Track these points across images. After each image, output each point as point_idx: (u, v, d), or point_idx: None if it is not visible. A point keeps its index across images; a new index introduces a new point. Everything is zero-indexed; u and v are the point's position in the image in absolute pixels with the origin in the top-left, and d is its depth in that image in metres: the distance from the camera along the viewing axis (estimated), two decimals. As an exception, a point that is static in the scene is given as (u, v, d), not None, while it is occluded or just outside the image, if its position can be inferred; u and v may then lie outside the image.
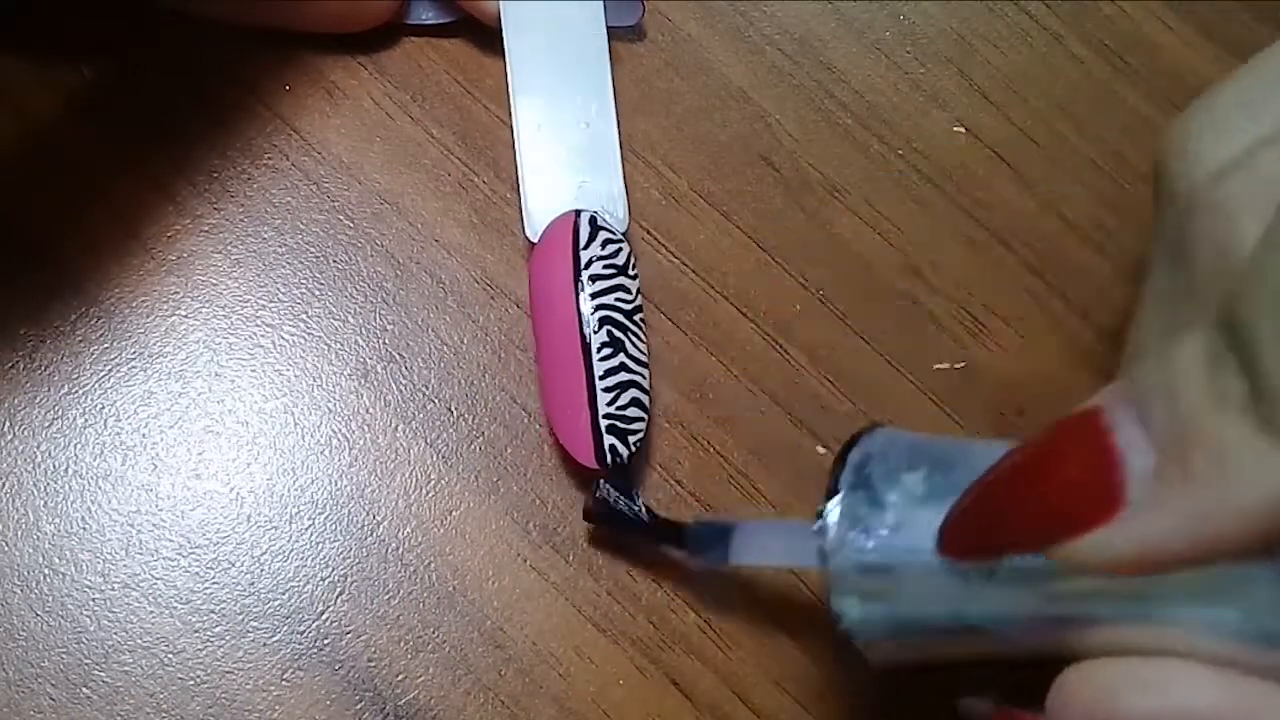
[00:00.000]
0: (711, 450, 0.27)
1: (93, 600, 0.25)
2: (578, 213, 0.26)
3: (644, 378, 0.26)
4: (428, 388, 0.27)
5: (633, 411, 0.26)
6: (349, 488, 0.26)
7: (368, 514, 0.26)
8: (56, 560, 0.25)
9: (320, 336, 0.27)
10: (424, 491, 0.27)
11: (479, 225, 0.28)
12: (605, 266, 0.26)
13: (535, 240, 0.27)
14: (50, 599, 0.25)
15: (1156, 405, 0.17)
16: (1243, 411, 0.16)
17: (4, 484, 0.26)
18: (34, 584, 0.25)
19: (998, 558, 0.19)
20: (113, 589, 0.25)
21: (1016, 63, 0.31)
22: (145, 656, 0.25)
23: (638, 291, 0.26)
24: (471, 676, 0.26)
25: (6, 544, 0.25)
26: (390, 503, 0.26)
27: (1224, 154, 0.20)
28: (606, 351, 0.25)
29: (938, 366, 0.28)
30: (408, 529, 0.26)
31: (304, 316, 0.27)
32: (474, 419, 0.27)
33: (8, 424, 0.26)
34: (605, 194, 0.27)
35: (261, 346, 0.27)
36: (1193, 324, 0.17)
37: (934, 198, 0.30)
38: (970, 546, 0.19)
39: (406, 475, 0.27)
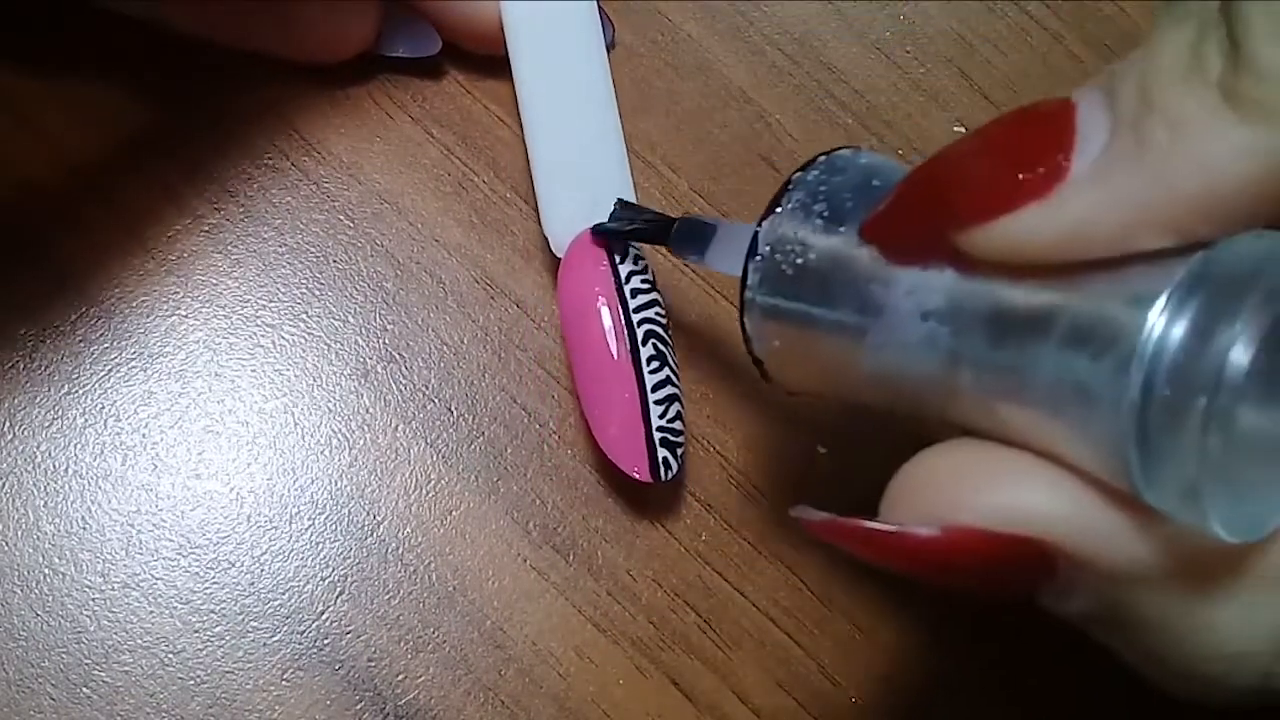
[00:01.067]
0: (711, 450, 0.27)
1: (93, 600, 0.25)
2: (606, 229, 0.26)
3: (682, 392, 0.26)
4: (428, 388, 0.27)
5: (678, 425, 0.26)
6: (349, 488, 0.26)
7: (368, 514, 0.26)
8: (56, 560, 0.25)
9: (320, 336, 0.27)
10: (424, 491, 0.27)
11: (479, 225, 0.28)
12: (642, 281, 0.26)
13: (560, 255, 0.27)
14: (50, 599, 0.25)
15: (1126, 81, 0.16)
16: (1212, 84, 0.15)
17: (4, 484, 0.26)
18: (34, 584, 0.25)
19: (919, 243, 0.18)
20: (113, 589, 0.25)
21: (1016, 63, 0.31)
22: (145, 656, 0.25)
23: (665, 305, 0.26)
24: (471, 676, 0.26)
25: (6, 544, 0.25)
26: (390, 503, 0.26)
27: None
28: (655, 365, 0.25)
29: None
30: (408, 529, 0.26)
31: (304, 316, 0.27)
32: (474, 419, 0.27)
33: (8, 424, 0.26)
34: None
35: (261, 346, 0.27)
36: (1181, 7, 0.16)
37: (934, 198, 0.29)
38: (896, 223, 0.18)
39: (406, 475, 0.27)
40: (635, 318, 0.25)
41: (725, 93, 0.30)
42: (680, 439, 0.26)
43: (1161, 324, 0.15)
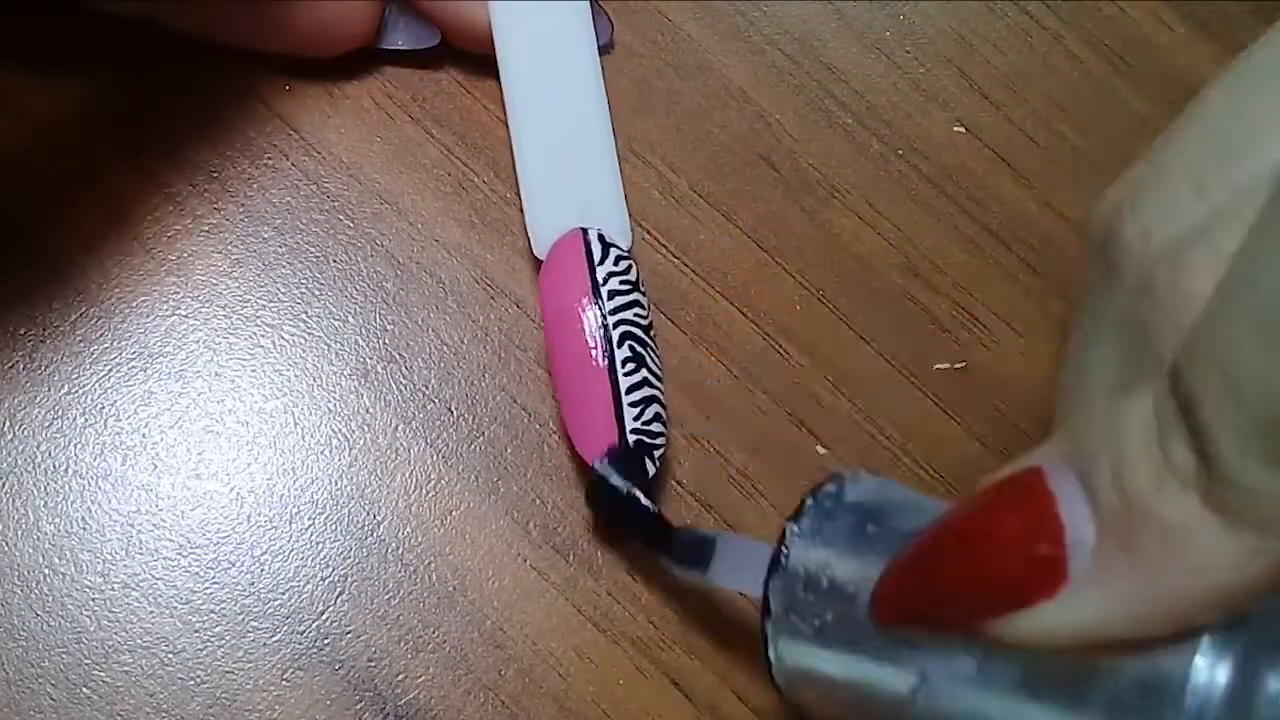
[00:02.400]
0: (711, 450, 0.27)
1: (93, 600, 0.25)
2: (585, 230, 0.26)
3: (662, 393, 0.26)
4: (428, 388, 0.27)
5: (656, 427, 0.25)
6: (349, 488, 0.26)
7: (368, 514, 0.26)
8: (56, 560, 0.25)
9: (320, 336, 0.27)
10: (424, 491, 0.27)
11: (479, 225, 0.28)
12: (621, 283, 0.26)
13: (542, 257, 0.27)
14: (50, 599, 0.25)
15: (1099, 474, 0.16)
16: (1190, 489, 0.15)
17: (4, 484, 0.26)
18: (34, 584, 0.25)
19: (931, 628, 0.18)
20: (113, 589, 0.25)
21: (1016, 63, 0.31)
22: (145, 656, 0.25)
23: (648, 306, 0.26)
24: (471, 676, 0.26)
25: (6, 544, 0.25)
26: (390, 503, 0.26)
27: (1176, 228, 0.18)
28: (630, 367, 0.25)
29: (938, 366, 0.28)
30: (408, 529, 0.26)
31: (304, 316, 0.27)
32: (474, 419, 0.27)
33: (8, 424, 0.26)
34: (608, 212, 0.27)
35: (261, 346, 0.27)
36: (1139, 388, 0.16)
37: (934, 198, 0.30)
38: (903, 612, 0.19)
39: (406, 475, 0.27)
40: (611, 319, 0.25)
41: (725, 93, 0.30)
42: (659, 440, 0.25)
43: (1203, 678, 0.16)
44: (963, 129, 0.30)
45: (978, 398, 0.28)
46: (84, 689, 0.25)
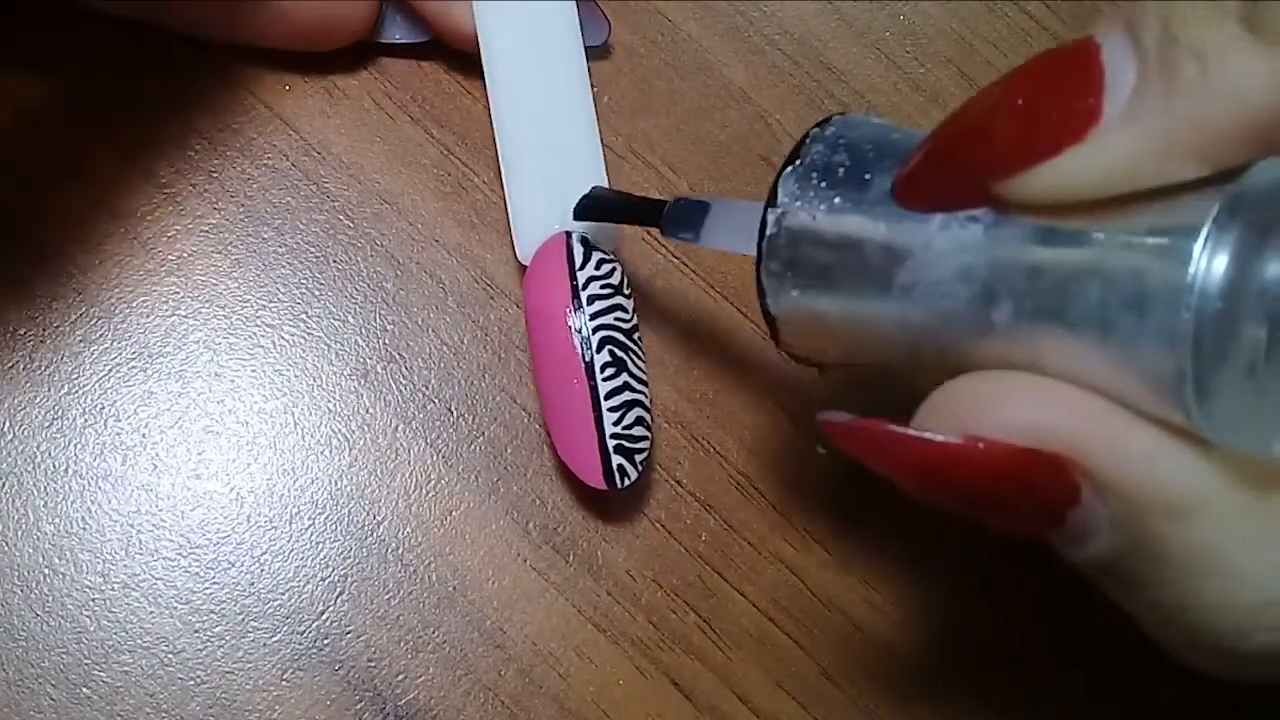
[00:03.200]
0: (711, 450, 0.27)
1: (93, 600, 0.25)
2: (568, 234, 0.26)
3: (646, 396, 0.26)
4: (428, 388, 0.27)
5: (638, 430, 0.25)
6: (349, 488, 0.26)
7: (368, 514, 0.26)
8: (56, 560, 0.25)
9: (320, 336, 0.27)
10: (424, 491, 0.27)
11: (479, 225, 0.28)
12: (602, 286, 0.26)
13: (526, 262, 0.27)
14: (50, 599, 0.25)
15: (1146, 11, 0.16)
16: (1232, 14, 0.15)
17: (4, 484, 0.26)
18: (34, 584, 0.25)
19: (956, 195, 0.18)
20: (113, 589, 0.25)
21: (1016, 63, 0.30)
22: (145, 656, 0.25)
23: (634, 310, 0.26)
24: (471, 676, 0.26)
25: (6, 544, 0.25)
26: (390, 503, 0.26)
27: None
28: (610, 371, 0.25)
29: (938, 366, 0.28)
30: (408, 529, 0.26)
31: (304, 316, 0.27)
32: (474, 419, 0.27)
33: (8, 424, 0.26)
34: None
35: (261, 346, 0.27)
36: None
37: (934, 198, 0.29)
38: (932, 177, 0.18)
39: (406, 475, 0.27)
40: (591, 324, 0.25)
41: (725, 93, 0.30)
42: (641, 445, 0.25)
43: (1208, 248, 0.16)
44: (963, 129, 0.30)
45: (978, 398, 0.28)
46: (84, 689, 0.25)
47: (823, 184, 0.20)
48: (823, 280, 0.20)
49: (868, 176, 0.20)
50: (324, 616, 0.26)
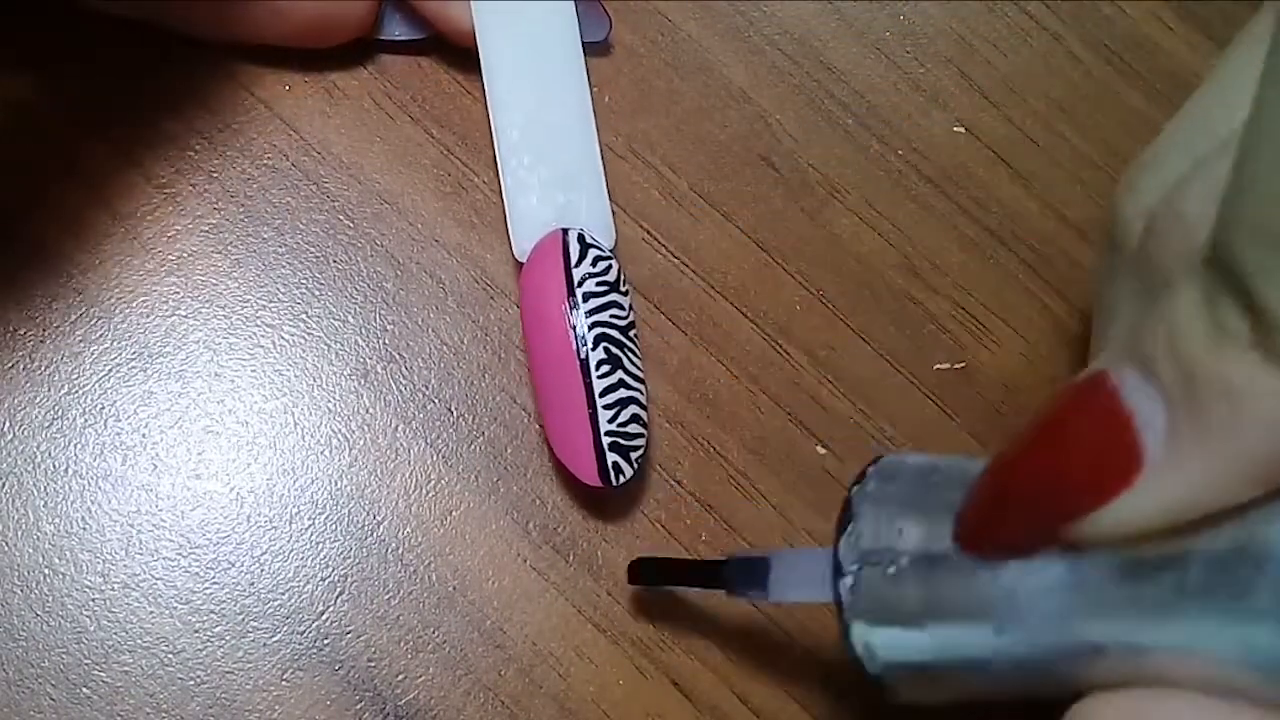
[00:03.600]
0: (711, 450, 0.27)
1: (93, 600, 0.25)
2: (565, 231, 0.26)
3: (641, 394, 0.26)
4: (428, 388, 0.27)
5: (633, 428, 0.25)
6: (349, 488, 0.26)
7: (368, 514, 0.26)
8: (56, 560, 0.25)
9: (320, 336, 0.27)
10: (424, 491, 0.27)
11: (479, 225, 0.28)
12: (598, 284, 0.26)
13: (522, 260, 0.27)
14: (50, 599, 0.25)
15: (1160, 357, 0.17)
16: (1247, 347, 0.16)
17: (4, 484, 0.26)
18: (34, 584, 0.25)
19: (1021, 544, 0.18)
20: (113, 589, 0.25)
21: (1016, 63, 0.31)
22: (145, 656, 0.25)
23: (630, 308, 0.26)
24: (471, 676, 0.26)
25: (6, 544, 0.25)
26: (390, 503, 0.26)
27: (1173, 175, 0.19)
28: (605, 369, 0.25)
29: (938, 367, 0.28)
30: (408, 529, 0.26)
31: (304, 316, 0.27)
32: (474, 419, 0.27)
33: (8, 424, 0.26)
34: (591, 211, 0.27)
35: (261, 346, 0.27)
36: (1166, 294, 0.17)
37: (934, 198, 0.30)
38: (990, 534, 0.19)
39: (406, 475, 0.27)
40: (586, 321, 0.25)
41: (725, 93, 0.30)
42: (636, 443, 0.25)
43: None
44: (963, 129, 0.30)
45: (978, 398, 0.28)
46: (84, 689, 0.25)
47: (883, 535, 0.20)
48: (917, 633, 0.20)
49: (926, 527, 0.19)
50: (324, 616, 0.26)
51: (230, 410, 0.27)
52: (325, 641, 0.25)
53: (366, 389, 0.27)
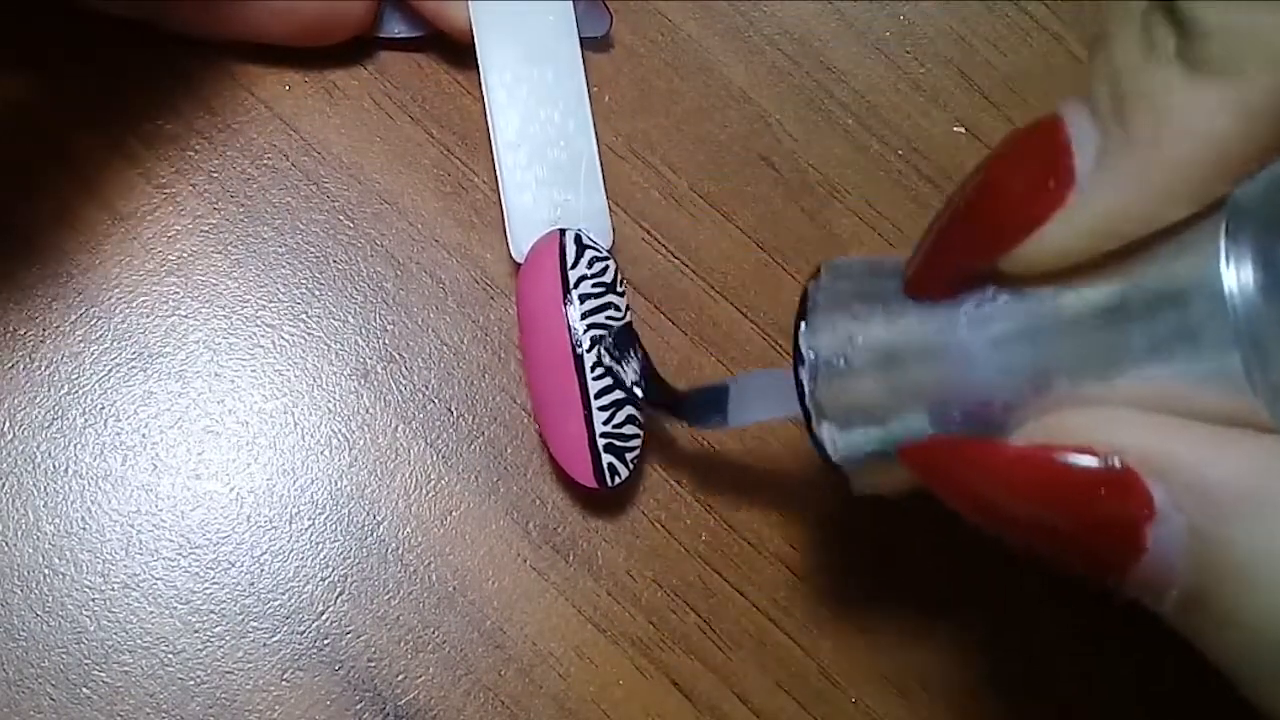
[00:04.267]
0: (712, 450, 0.27)
1: (93, 600, 0.25)
2: (562, 232, 0.26)
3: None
4: (428, 388, 0.27)
5: (629, 429, 0.25)
6: (349, 488, 0.26)
7: (368, 514, 0.26)
8: (56, 560, 0.25)
9: (320, 336, 0.27)
10: (424, 491, 0.27)
11: (479, 225, 0.28)
12: (594, 285, 0.26)
13: (520, 260, 0.27)
14: (50, 599, 0.25)
15: (1096, 83, 0.17)
16: (1172, 58, 0.16)
17: (4, 484, 0.26)
18: (34, 584, 0.25)
19: (963, 279, 0.19)
20: (113, 589, 0.25)
21: (1016, 63, 0.31)
22: (145, 656, 0.25)
23: (627, 309, 0.26)
24: (471, 676, 0.26)
25: (6, 544, 0.25)
26: (390, 503, 0.26)
27: None
28: (600, 370, 0.25)
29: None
30: (408, 529, 0.26)
31: (304, 316, 0.27)
32: (474, 419, 0.27)
33: (8, 424, 0.26)
34: (588, 211, 0.27)
35: (261, 346, 0.27)
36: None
37: (934, 198, 0.29)
38: (933, 272, 0.19)
39: (406, 475, 0.27)
40: (582, 323, 0.25)
41: (725, 93, 0.30)
42: (632, 443, 0.26)
43: (1233, 260, 0.16)
44: (963, 129, 0.30)
45: (978, 398, 0.28)
46: (84, 689, 0.25)
47: (839, 323, 0.20)
48: (875, 410, 0.20)
49: (877, 300, 0.20)
50: (324, 616, 0.26)
51: (230, 410, 0.27)
52: (325, 641, 0.25)
53: (366, 389, 0.27)
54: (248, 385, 0.27)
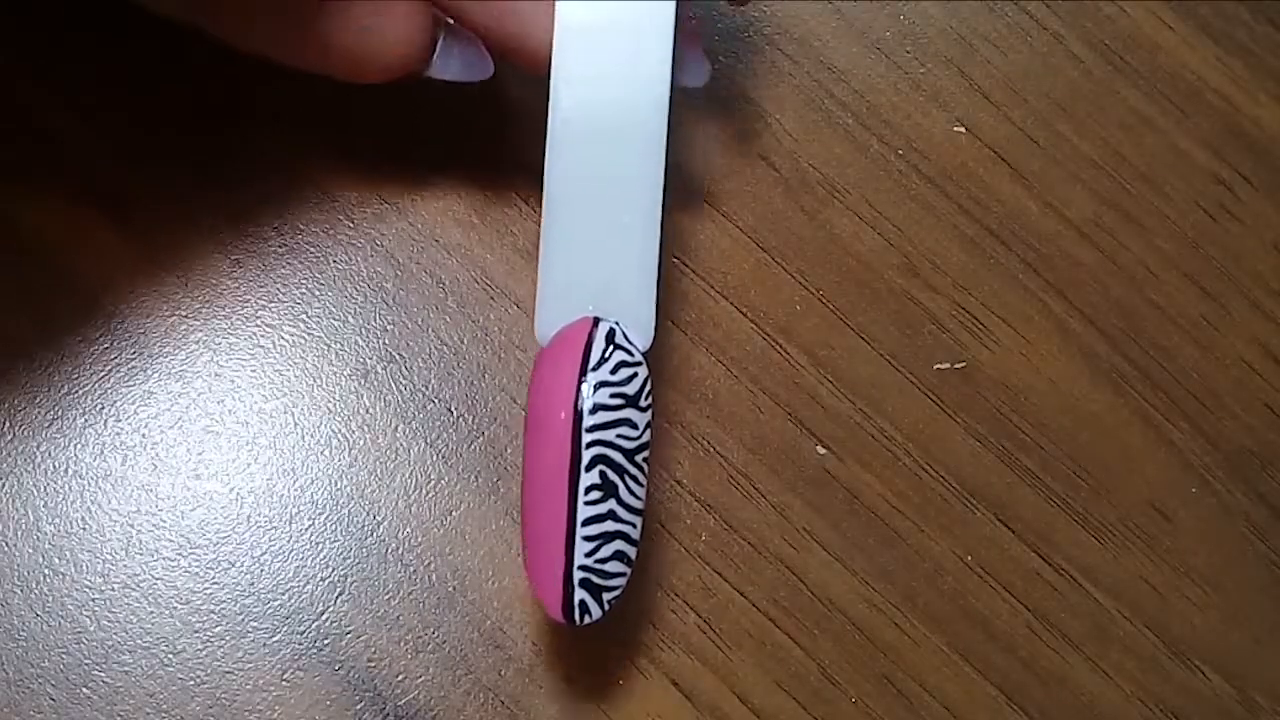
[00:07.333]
0: (711, 450, 0.27)
1: (93, 600, 0.25)
2: (596, 322, 0.23)
3: (634, 527, 0.23)
4: (428, 388, 0.27)
5: (613, 566, 0.23)
6: (349, 488, 0.26)
7: (368, 514, 0.26)
8: (56, 560, 0.25)
9: (320, 336, 0.27)
10: (424, 491, 0.27)
11: (479, 225, 0.28)
12: (612, 396, 0.22)
13: (543, 343, 0.23)
14: (50, 599, 0.25)
15: None
16: None
17: (4, 484, 0.26)
18: (34, 584, 0.25)
19: None
20: (113, 589, 0.25)
21: (1016, 63, 0.31)
22: (145, 656, 0.25)
23: (646, 426, 0.23)
24: (471, 676, 0.26)
25: (6, 544, 0.25)
26: (390, 503, 0.26)
27: None
28: (595, 495, 0.22)
29: (938, 366, 0.28)
30: (408, 529, 0.26)
31: (304, 316, 0.27)
32: (474, 419, 0.27)
33: (8, 424, 0.26)
34: (631, 305, 0.23)
35: (261, 346, 0.27)
36: None
37: (934, 198, 0.30)
38: None
39: (406, 475, 0.27)
40: (586, 438, 0.22)
41: (726, 92, 0.30)
42: (613, 583, 0.23)
43: None
44: (963, 129, 0.30)
45: (978, 398, 0.28)
46: (84, 689, 0.25)
47: None
48: None
49: None
50: (324, 616, 0.26)
51: (230, 410, 0.27)
52: (325, 641, 0.26)
53: (366, 389, 0.27)
54: (248, 385, 0.27)
